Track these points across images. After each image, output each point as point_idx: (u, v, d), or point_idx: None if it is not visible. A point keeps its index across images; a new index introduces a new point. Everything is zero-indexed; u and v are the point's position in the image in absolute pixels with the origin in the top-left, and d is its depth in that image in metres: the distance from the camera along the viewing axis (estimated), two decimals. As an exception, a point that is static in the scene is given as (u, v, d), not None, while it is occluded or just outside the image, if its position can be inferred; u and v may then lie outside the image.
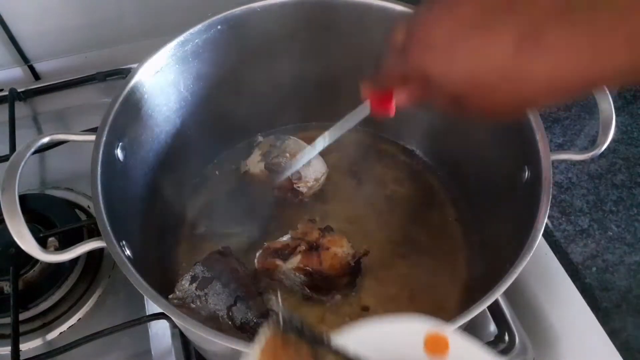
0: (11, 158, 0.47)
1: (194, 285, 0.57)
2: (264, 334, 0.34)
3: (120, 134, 0.55)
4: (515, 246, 0.48)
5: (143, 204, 0.60)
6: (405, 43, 0.39)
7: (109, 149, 0.52)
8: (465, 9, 0.35)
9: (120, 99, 0.55)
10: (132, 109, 0.57)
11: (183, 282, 0.57)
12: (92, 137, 0.52)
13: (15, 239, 0.43)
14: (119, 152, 0.54)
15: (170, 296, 0.56)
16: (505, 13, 0.33)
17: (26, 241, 0.44)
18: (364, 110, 0.51)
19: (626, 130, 0.67)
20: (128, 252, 0.49)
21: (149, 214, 0.61)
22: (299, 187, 0.69)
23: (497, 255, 0.56)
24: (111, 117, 0.53)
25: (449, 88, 0.37)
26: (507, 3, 0.33)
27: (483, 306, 0.43)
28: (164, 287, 0.62)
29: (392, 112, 0.48)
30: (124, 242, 0.49)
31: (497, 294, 0.43)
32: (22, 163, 0.47)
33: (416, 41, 0.38)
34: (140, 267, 0.46)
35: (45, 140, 0.50)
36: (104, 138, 0.52)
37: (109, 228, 0.47)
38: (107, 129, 0.52)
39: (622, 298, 0.55)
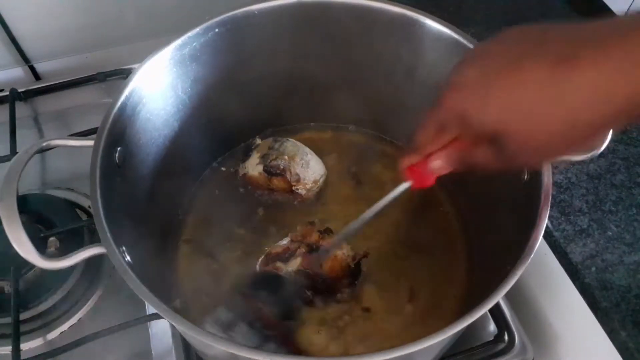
0: (10, 164, 0.47)
1: (219, 329, 0.56)
2: None
3: (119, 138, 0.55)
4: (515, 246, 0.48)
5: (142, 208, 0.60)
6: (440, 95, 0.40)
7: (107, 154, 0.52)
8: (496, 50, 0.36)
9: (119, 103, 0.54)
10: (131, 113, 0.56)
11: (206, 327, 0.56)
12: (91, 143, 0.51)
13: (14, 246, 0.43)
14: (117, 157, 0.54)
15: None
16: (536, 47, 0.34)
17: (25, 248, 0.44)
18: (403, 187, 0.51)
19: (625, 131, 0.67)
20: (128, 257, 0.48)
21: (149, 218, 0.61)
22: (297, 189, 0.69)
23: (497, 255, 0.56)
24: (109, 122, 0.53)
25: (487, 125, 0.37)
26: (537, 39, 0.35)
27: (484, 309, 0.43)
28: (164, 291, 0.62)
29: (432, 182, 0.48)
30: (123, 248, 0.48)
31: (498, 297, 0.43)
32: (21, 169, 0.46)
33: (450, 86, 0.39)
34: (140, 272, 0.46)
35: (44, 145, 0.50)
36: (103, 143, 0.52)
37: (109, 234, 0.47)
38: (105, 133, 0.52)
39: (622, 298, 0.55)
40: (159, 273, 0.63)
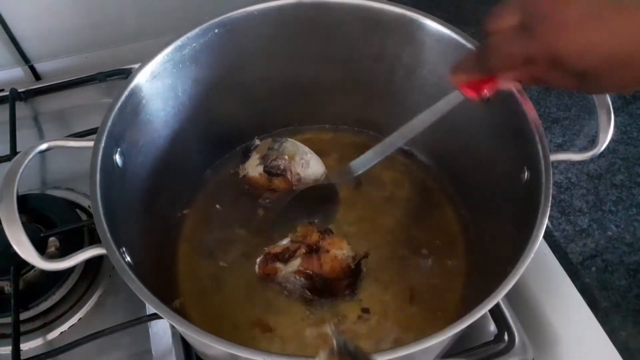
0: (9, 165, 0.47)
1: None
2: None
3: (119, 139, 0.54)
4: (515, 247, 0.48)
5: (142, 209, 0.60)
6: (527, 24, 0.38)
7: (107, 155, 0.52)
8: None
9: (118, 104, 0.54)
10: (130, 114, 0.56)
11: None
12: (91, 144, 0.51)
13: (15, 247, 0.43)
14: (117, 158, 0.54)
15: None
16: None
17: (25, 250, 0.43)
18: (455, 99, 0.50)
19: (625, 131, 0.67)
20: (128, 258, 0.48)
21: (148, 219, 0.61)
22: (298, 189, 0.68)
23: (497, 255, 0.56)
24: (109, 123, 0.53)
25: (580, 67, 0.36)
26: None
27: (484, 310, 0.43)
28: (164, 291, 0.62)
29: (490, 95, 0.47)
30: (124, 249, 0.48)
31: (499, 297, 0.43)
32: (20, 170, 0.46)
33: (545, 21, 0.37)
34: (140, 272, 0.46)
35: (44, 147, 0.50)
36: (103, 144, 0.51)
37: (109, 235, 0.46)
38: (105, 135, 0.52)
39: (622, 298, 0.55)
40: (158, 273, 0.63)
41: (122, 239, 0.48)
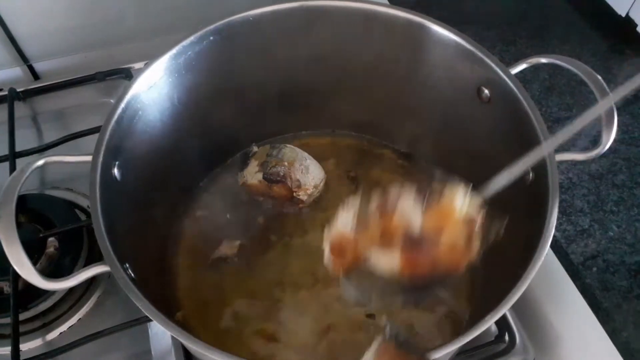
0: (6, 183, 0.46)
1: None
2: (375, 346, 0.35)
3: (117, 152, 0.53)
4: (519, 249, 0.48)
5: (141, 222, 0.59)
6: None
7: (106, 170, 0.51)
8: None
9: (115, 117, 0.53)
10: (127, 126, 0.55)
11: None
12: (89, 158, 0.50)
13: (15, 268, 0.43)
14: (115, 172, 0.53)
15: None
16: None
17: (27, 270, 0.43)
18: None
19: (627, 130, 0.67)
20: (131, 274, 0.47)
21: (148, 231, 0.60)
22: (299, 195, 0.68)
23: (501, 258, 0.55)
24: (106, 137, 0.52)
25: None
26: None
27: (491, 321, 0.42)
28: (166, 304, 0.61)
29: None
30: (127, 265, 0.47)
31: (505, 309, 0.43)
32: (18, 188, 0.46)
33: None
34: (143, 287, 0.45)
35: (40, 163, 0.49)
36: (101, 159, 0.50)
37: (112, 253, 0.46)
38: (103, 148, 0.51)
39: (623, 298, 0.55)
40: (160, 286, 0.62)
41: (124, 254, 0.47)
